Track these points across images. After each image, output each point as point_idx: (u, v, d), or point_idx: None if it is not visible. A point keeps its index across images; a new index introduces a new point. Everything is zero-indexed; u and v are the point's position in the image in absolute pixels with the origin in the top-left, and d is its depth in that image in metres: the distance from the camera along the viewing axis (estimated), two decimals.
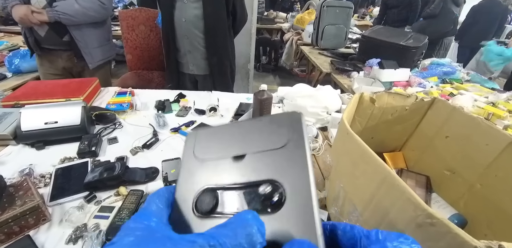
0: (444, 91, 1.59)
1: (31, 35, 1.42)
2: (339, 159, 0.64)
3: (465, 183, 0.71)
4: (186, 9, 1.39)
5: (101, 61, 1.62)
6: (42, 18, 1.34)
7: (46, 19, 1.34)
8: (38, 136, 0.92)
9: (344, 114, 0.62)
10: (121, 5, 3.79)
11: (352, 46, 2.90)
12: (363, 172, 0.52)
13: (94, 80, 1.33)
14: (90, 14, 1.43)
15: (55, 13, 1.33)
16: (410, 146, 0.89)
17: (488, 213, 0.66)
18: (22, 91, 1.19)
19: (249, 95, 1.41)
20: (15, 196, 0.65)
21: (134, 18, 2.13)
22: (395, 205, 0.43)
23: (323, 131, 1.15)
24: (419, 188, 0.80)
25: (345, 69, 2.03)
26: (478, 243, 0.32)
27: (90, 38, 1.52)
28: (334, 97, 1.25)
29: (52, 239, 0.63)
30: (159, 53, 2.36)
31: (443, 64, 1.92)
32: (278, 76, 4.25)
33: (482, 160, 0.66)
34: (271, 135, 0.21)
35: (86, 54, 1.51)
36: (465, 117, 0.70)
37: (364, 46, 2.25)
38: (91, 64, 1.55)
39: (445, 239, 0.34)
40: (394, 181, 0.43)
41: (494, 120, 1.24)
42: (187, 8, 1.39)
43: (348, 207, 0.59)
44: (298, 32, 3.45)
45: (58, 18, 1.35)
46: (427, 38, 2.10)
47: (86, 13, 1.41)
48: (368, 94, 0.74)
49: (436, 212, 0.36)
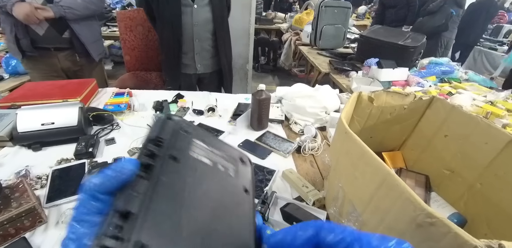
0: (442, 91, 1.59)
1: (26, 36, 1.35)
2: (338, 158, 0.63)
3: (465, 182, 0.71)
4: (198, 13, 1.46)
5: (101, 54, 1.64)
6: (48, 14, 1.30)
7: (51, 15, 1.31)
8: (35, 137, 0.92)
9: (342, 114, 0.62)
10: (119, 6, 3.78)
11: (350, 46, 2.91)
12: (362, 172, 0.52)
13: (92, 81, 1.32)
14: (91, 8, 1.43)
15: (59, 8, 1.31)
16: (409, 145, 0.89)
17: (487, 212, 0.65)
18: (19, 92, 1.18)
19: (247, 95, 1.41)
20: (11, 198, 0.64)
21: (132, 19, 2.12)
22: (395, 205, 0.42)
23: (322, 130, 1.15)
24: (418, 187, 0.80)
25: (344, 69, 2.03)
26: (478, 242, 0.31)
27: (92, 31, 1.52)
28: (333, 97, 1.25)
29: (48, 241, 0.62)
30: (158, 54, 2.35)
31: (442, 63, 1.92)
32: (277, 76, 4.25)
33: (482, 159, 0.66)
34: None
35: (91, 47, 1.50)
36: (464, 116, 0.70)
37: (362, 46, 2.25)
38: (97, 57, 1.55)
39: (445, 239, 0.34)
40: (393, 181, 0.42)
41: (493, 119, 1.24)
42: (198, 13, 1.46)
43: (347, 207, 0.59)
44: (297, 33, 3.45)
45: (64, 13, 1.32)
46: (425, 38, 2.10)
47: (88, 7, 1.40)
48: (367, 94, 0.74)
49: (436, 212, 0.36)
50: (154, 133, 0.21)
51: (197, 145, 0.23)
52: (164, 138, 0.20)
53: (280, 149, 0.98)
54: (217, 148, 0.24)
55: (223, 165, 0.23)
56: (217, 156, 0.24)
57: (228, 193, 0.22)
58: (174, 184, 0.19)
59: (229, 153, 0.25)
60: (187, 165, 0.20)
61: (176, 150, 0.20)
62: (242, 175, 0.25)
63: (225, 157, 0.24)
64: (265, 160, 0.93)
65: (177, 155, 0.20)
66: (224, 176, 0.23)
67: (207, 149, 0.23)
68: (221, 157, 0.24)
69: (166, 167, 0.19)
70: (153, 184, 0.17)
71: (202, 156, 0.22)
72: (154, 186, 0.17)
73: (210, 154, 0.23)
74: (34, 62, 1.47)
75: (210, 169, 0.22)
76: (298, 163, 0.93)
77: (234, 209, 0.22)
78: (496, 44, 3.80)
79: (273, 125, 1.16)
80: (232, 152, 0.26)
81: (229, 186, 0.23)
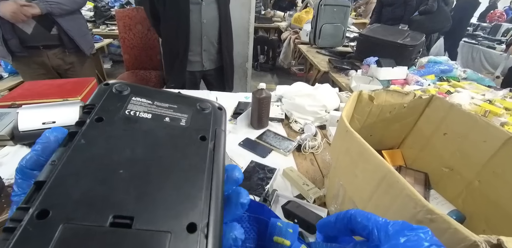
0: (441, 89, 1.60)
1: (13, 36, 1.31)
2: (338, 157, 0.64)
3: (463, 180, 0.72)
4: (207, 11, 1.49)
5: (90, 49, 1.61)
6: (34, 11, 1.26)
7: (38, 11, 1.26)
8: (36, 136, 0.89)
9: (343, 112, 0.62)
10: (118, 4, 3.77)
11: (349, 45, 2.91)
12: (362, 170, 0.52)
13: (91, 80, 1.32)
14: (78, 1, 1.39)
15: (45, 4, 1.26)
16: (409, 143, 0.90)
17: (486, 210, 0.66)
18: (19, 92, 1.18)
19: (247, 94, 1.41)
20: None
21: (131, 18, 2.12)
22: (395, 202, 0.43)
23: (322, 129, 1.15)
24: (417, 185, 0.80)
25: (343, 68, 2.04)
26: (477, 238, 0.32)
27: (80, 26, 1.48)
28: (333, 95, 1.26)
29: None
30: (157, 53, 2.35)
31: (440, 62, 1.93)
32: (276, 75, 4.25)
33: (480, 157, 0.67)
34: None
35: (81, 42, 1.47)
36: (462, 115, 0.71)
37: (361, 44, 2.26)
38: (88, 51, 1.52)
39: (445, 235, 0.34)
40: (394, 178, 0.43)
41: (491, 118, 1.25)
42: (207, 10, 1.49)
43: (347, 204, 0.59)
44: (296, 31, 3.46)
45: (50, 9, 1.28)
46: (424, 36, 2.11)
47: (75, 0, 1.37)
48: (367, 92, 0.75)
49: (436, 208, 0.36)
50: (88, 101, 0.22)
51: (136, 102, 0.23)
52: (95, 103, 0.22)
53: (281, 147, 0.98)
54: (168, 101, 0.25)
55: (171, 116, 0.24)
56: (163, 108, 0.24)
57: (173, 143, 0.22)
58: (94, 143, 0.19)
59: (184, 103, 0.25)
60: (115, 123, 0.21)
61: (105, 111, 0.21)
62: (201, 124, 0.24)
63: (176, 108, 0.24)
64: (266, 158, 0.94)
65: (104, 115, 0.21)
66: (171, 126, 0.23)
67: (149, 103, 0.24)
68: (170, 109, 0.24)
69: (88, 130, 0.20)
70: (68, 149, 0.18)
71: (141, 111, 0.23)
72: (68, 151, 0.18)
73: (152, 107, 0.23)
74: (24, 62, 1.43)
75: (150, 121, 0.22)
76: (299, 161, 0.94)
77: (180, 158, 0.21)
78: (495, 42, 3.82)
79: (273, 123, 1.17)
80: (188, 101, 0.26)
81: (177, 135, 0.22)
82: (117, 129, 0.21)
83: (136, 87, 0.24)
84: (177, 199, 0.18)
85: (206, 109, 0.26)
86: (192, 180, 0.19)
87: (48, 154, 0.19)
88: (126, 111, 0.22)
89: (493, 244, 0.31)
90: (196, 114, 0.25)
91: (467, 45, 4.04)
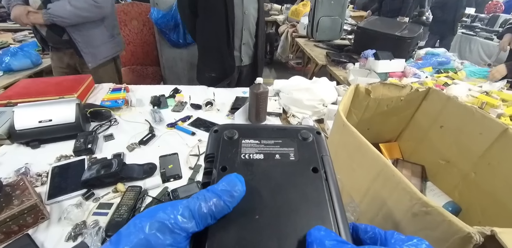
0: (438, 82, 1.60)
1: (37, 33, 1.45)
2: (336, 151, 0.64)
3: (460, 172, 0.73)
4: (249, 2, 1.46)
5: (105, 59, 1.59)
6: (37, 21, 1.33)
7: (41, 21, 1.32)
8: (33, 135, 0.91)
9: (340, 106, 0.62)
10: None
11: (347, 38, 2.90)
12: (359, 164, 0.53)
13: (88, 78, 1.31)
14: (84, 15, 1.39)
15: (49, 16, 1.31)
16: (406, 136, 0.91)
17: (482, 201, 0.67)
18: (14, 90, 1.17)
19: (245, 89, 1.41)
20: (12, 196, 0.65)
21: (126, 13, 2.10)
22: (392, 195, 0.44)
23: (320, 123, 1.16)
24: (414, 177, 0.81)
25: (341, 61, 2.03)
26: (471, 229, 0.32)
27: (90, 37, 1.48)
28: (330, 89, 1.26)
29: (52, 237, 0.63)
30: (153, 48, 2.33)
31: (438, 54, 1.93)
32: (273, 69, 4.24)
33: (476, 149, 0.67)
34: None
35: (86, 54, 1.48)
36: (459, 107, 0.71)
37: (359, 37, 2.25)
38: (91, 64, 1.51)
39: (440, 227, 0.35)
40: (390, 172, 0.43)
41: (488, 109, 1.26)
42: (249, 2, 1.46)
43: (345, 198, 0.60)
44: (293, 25, 3.43)
45: (52, 21, 1.32)
46: (422, 28, 2.11)
47: (80, 14, 1.37)
48: (364, 86, 0.75)
49: (431, 201, 0.37)
50: (206, 150, 0.24)
51: (246, 144, 0.24)
52: (214, 152, 0.23)
53: None
54: (272, 137, 0.25)
55: (280, 152, 0.24)
56: (270, 146, 0.24)
57: (292, 182, 0.22)
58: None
59: (287, 135, 0.26)
60: (237, 169, 0.22)
61: (225, 160, 0.23)
62: (308, 154, 0.24)
63: (281, 143, 0.25)
64: None
65: (226, 164, 0.22)
66: (283, 164, 0.23)
67: (257, 143, 0.24)
68: (276, 145, 0.25)
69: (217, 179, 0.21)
70: None
71: (253, 153, 0.24)
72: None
73: (261, 147, 0.24)
74: (51, 56, 1.60)
75: (263, 162, 0.23)
76: None
77: (301, 195, 0.21)
78: (492, 34, 3.81)
79: (271, 118, 1.17)
80: (289, 133, 0.26)
81: (291, 173, 0.23)
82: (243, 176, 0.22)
83: (241, 128, 0.26)
84: None
85: (308, 138, 0.26)
86: (319, 215, 0.21)
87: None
88: (242, 156, 0.23)
89: (486, 235, 0.32)
90: (300, 145, 0.25)
91: (465, 37, 4.03)
